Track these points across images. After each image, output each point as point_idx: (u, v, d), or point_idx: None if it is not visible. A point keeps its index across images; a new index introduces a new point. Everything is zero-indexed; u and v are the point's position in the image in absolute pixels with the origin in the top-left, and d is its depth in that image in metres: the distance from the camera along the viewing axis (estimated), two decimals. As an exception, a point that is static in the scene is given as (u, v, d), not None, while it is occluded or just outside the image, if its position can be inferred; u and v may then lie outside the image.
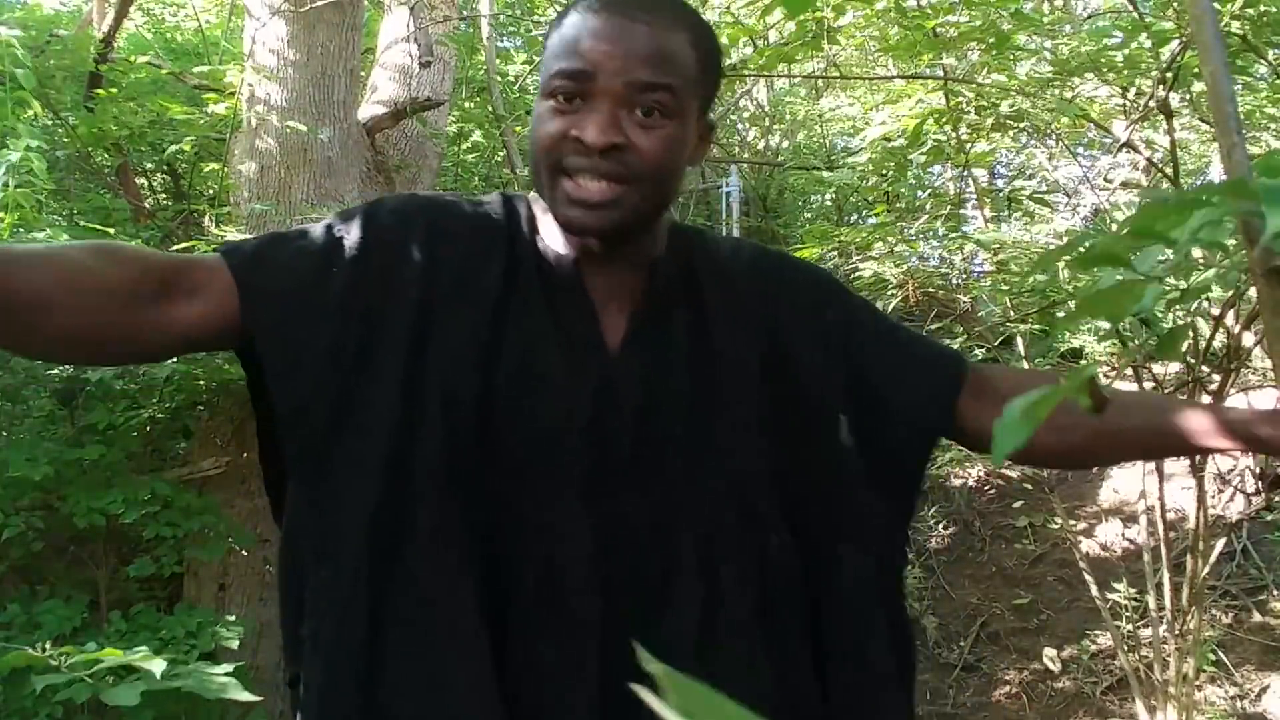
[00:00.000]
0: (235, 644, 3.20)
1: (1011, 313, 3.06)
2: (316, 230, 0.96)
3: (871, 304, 1.16)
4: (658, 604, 0.90)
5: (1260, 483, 3.99)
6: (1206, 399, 2.50)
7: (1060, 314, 2.62)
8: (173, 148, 4.21)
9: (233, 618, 3.36)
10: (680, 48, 0.91)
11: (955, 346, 3.61)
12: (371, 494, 0.87)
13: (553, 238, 0.98)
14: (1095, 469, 4.61)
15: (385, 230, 0.95)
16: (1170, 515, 2.89)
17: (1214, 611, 3.63)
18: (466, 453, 0.89)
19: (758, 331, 1.00)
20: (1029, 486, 4.47)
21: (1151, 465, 2.68)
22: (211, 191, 4.75)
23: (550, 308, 0.95)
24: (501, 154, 6.08)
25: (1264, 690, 3.36)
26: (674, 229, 1.04)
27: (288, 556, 0.94)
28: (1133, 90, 2.64)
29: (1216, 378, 2.46)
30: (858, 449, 1.00)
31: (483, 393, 0.90)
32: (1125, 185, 3.95)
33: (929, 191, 4.49)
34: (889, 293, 3.10)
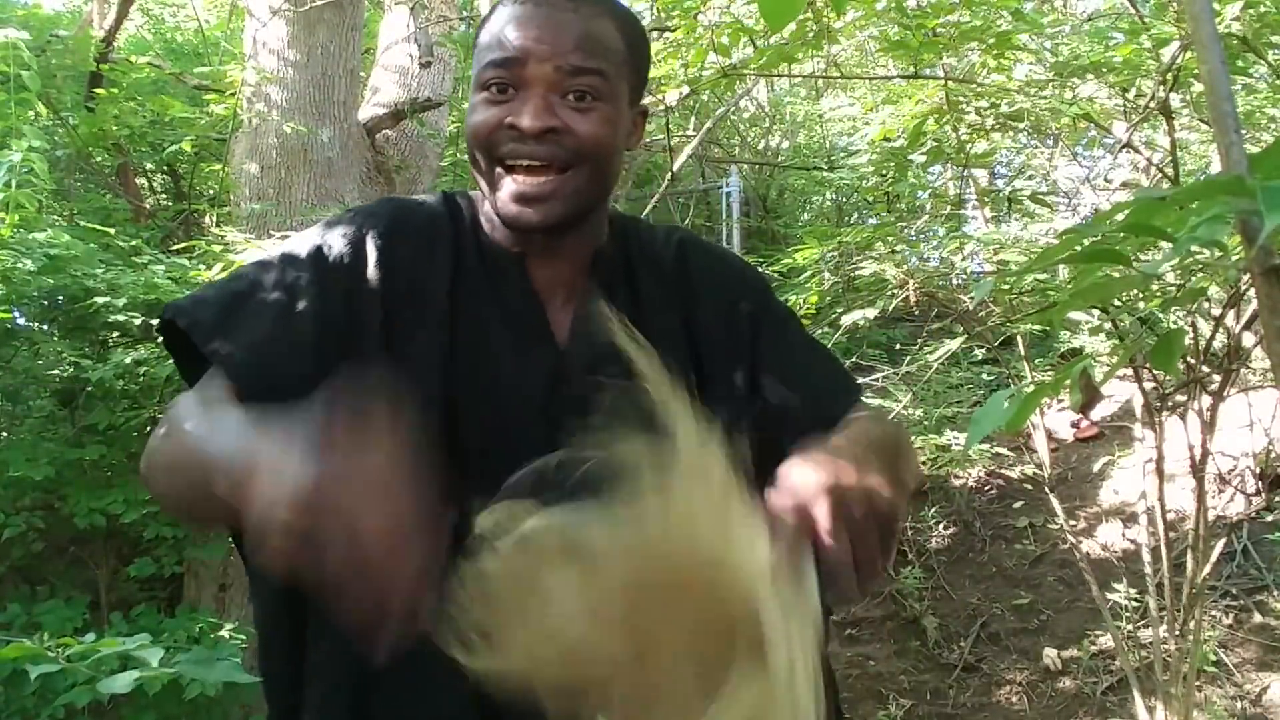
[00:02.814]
0: (241, 648, 3.17)
1: (1014, 313, 3.06)
2: (272, 275, 0.95)
3: (791, 312, 1.12)
4: None
5: (1260, 483, 3.99)
6: (1206, 400, 2.50)
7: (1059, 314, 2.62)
8: (173, 148, 4.22)
9: (235, 623, 3.34)
10: (608, 33, 0.94)
11: (955, 342, 3.61)
12: None
13: (494, 231, 0.99)
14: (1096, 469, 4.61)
15: (340, 260, 0.95)
16: (1170, 515, 2.89)
17: (1214, 611, 3.63)
18: (439, 454, 0.90)
19: (680, 320, 1.01)
20: (1029, 487, 4.47)
21: (1152, 465, 2.68)
22: (211, 191, 4.75)
23: (496, 301, 0.97)
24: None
25: (1264, 690, 3.36)
26: (612, 216, 1.05)
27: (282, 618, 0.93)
28: (1133, 91, 2.64)
29: (1216, 378, 2.46)
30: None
31: (445, 394, 0.91)
32: (1125, 186, 3.95)
33: (929, 192, 4.50)
34: (889, 292, 3.10)
